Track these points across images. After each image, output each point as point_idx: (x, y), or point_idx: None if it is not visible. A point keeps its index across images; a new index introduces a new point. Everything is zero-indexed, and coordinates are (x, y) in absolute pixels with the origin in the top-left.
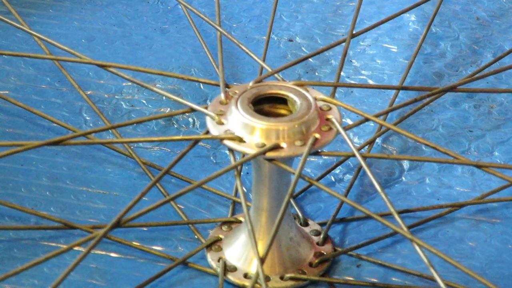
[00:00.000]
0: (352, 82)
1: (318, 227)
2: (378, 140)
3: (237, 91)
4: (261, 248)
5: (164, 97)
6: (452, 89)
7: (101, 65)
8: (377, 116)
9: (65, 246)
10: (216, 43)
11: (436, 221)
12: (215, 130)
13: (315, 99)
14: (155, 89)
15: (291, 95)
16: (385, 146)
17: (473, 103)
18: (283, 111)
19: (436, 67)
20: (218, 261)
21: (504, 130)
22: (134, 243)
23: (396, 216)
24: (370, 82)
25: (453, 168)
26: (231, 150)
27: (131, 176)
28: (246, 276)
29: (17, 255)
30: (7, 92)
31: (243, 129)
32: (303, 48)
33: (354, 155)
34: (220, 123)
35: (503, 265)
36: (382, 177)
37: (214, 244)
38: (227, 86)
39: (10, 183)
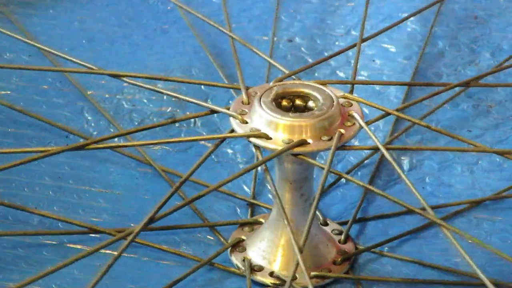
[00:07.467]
0: None
1: (337, 226)
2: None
3: (257, 92)
4: (288, 244)
5: (165, 97)
6: (467, 84)
7: (116, 75)
8: (398, 110)
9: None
10: (216, 44)
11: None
12: (239, 129)
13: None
14: (182, 96)
15: (314, 92)
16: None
17: (472, 103)
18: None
19: (434, 66)
20: (243, 261)
21: (503, 129)
22: (163, 246)
23: (429, 211)
24: None
25: (452, 167)
26: (256, 147)
27: (133, 175)
28: (271, 274)
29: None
30: (9, 92)
31: (267, 126)
32: (302, 49)
33: (378, 148)
34: (244, 122)
35: (503, 262)
36: (382, 177)
37: (237, 245)
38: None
39: (13, 182)
